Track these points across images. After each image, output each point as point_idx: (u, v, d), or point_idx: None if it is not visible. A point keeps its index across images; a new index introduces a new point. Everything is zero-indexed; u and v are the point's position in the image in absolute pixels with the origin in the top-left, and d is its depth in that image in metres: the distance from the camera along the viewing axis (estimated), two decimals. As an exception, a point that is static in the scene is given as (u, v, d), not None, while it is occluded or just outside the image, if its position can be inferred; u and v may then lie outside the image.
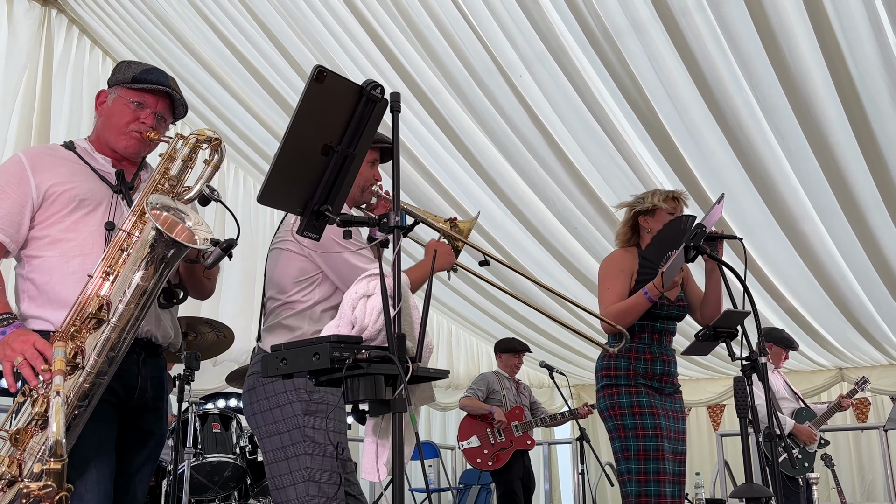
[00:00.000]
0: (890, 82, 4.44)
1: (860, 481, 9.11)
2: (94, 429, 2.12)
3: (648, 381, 3.28)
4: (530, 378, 9.73)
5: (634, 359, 3.30)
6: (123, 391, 2.24)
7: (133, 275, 2.05)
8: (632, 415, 3.22)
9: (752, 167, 5.30)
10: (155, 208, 2.06)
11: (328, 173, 1.88)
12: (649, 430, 3.19)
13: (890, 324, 7.56)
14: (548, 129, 5.43)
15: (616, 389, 3.27)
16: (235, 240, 2.16)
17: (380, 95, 1.87)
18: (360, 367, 1.76)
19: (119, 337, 2.04)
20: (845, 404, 5.83)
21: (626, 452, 3.20)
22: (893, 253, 6.09)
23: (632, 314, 3.23)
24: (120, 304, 2.04)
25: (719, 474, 7.51)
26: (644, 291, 3.18)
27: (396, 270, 1.88)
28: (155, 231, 2.02)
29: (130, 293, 2.04)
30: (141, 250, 2.05)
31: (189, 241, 2.07)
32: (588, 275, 7.06)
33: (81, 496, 2.06)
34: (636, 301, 3.21)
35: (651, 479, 3.14)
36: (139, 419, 2.32)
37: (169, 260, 2.06)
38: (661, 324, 3.37)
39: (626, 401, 3.24)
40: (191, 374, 3.99)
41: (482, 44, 4.89)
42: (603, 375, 3.34)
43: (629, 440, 3.20)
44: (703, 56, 4.55)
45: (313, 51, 5.22)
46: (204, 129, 2.30)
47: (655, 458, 3.16)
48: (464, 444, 6.08)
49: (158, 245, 2.04)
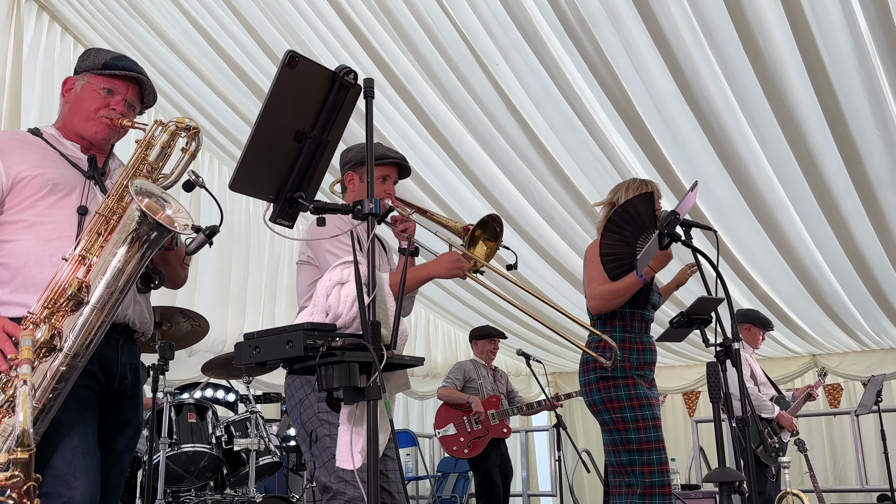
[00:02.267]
0: (862, 71, 4.48)
1: (833, 466, 9.24)
2: (81, 416, 2.11)
3: (640, 371, 3.30)
4: (508, 366, 9.77)
5: (628, 349, 3.31)
6: (104, 378, 2.23)
7: (113, 256, 2.03)
8: (631, 407, 3.22)
9: (726, 155, 5.34)
10: (139, 192, 2.04)
11: (301, 160, 1.86)
12: (650, 422, 3.21)
13: (862, 311, 7.66)
14: (524, 117, 5.43)
15: (612, 382, 3.27)
16: (218, 226, 2.15)
17: (353, 81, 1.86)
18: (333, 355, 1.75)
19: (98, 319, 2.02)
20: (815, 394, 5.92)
21: (626, 445, 3.21)
22: (865, 241, 6.16)
23: (625, 295, 3.24)
24: (99, 285, 2.02)
25: (694, 460, 7.59)
26: (640, 274, 3.18)
27: (370, 258, 1.88)
28: (139, 213, 2.00)
29: (111, 275, 2.02)
30: (123, 231, 2.03)
31: (170, 225, 2.05)
32: (565, 264, 7.09)
33: (70, 483, 2.04)
34: (630, 282, 3.22)
35: (655, 469, 3.16)
36: (117, 407, 2.30)
37: (151, 242, 2.05)
38: (648, 312, 3.39)
39: (623, 393, 3.24)
40: (165, 363, 3.96)
41: (458, 32, 4.88)
42: (595, 367, 3.31)
43: (630, 433, 3.20)
44: (678, 45, 4.56)
45: (287, 38, 5.18)
46: (182, 117, 2.28)
47: (657, 448, 3.19)
48: (440, 432, 6.09)
49: (142, 226, 2.02)
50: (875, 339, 8.68)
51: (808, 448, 6.11)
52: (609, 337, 3.29)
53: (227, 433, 4.72)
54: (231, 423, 4.78)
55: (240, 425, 4.79)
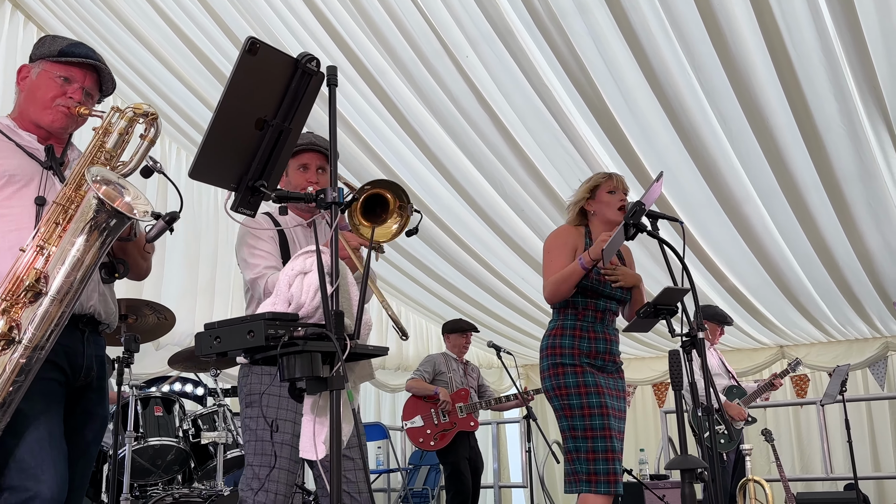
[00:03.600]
0: (828, 65, 4.53)
1: (799, 455, 9.36)
2: (47, 409, 2.08)
3: (592, 359, 3.33)
4: (479, 359, 9.78)
5: (579, 337, 3.34)
6: (70, 370, 2.20)
7: (72, 246, 2.00)
8: (578, 394, 3.25)
9: (694, 148, 5.38)
10: (96, 180, 2.01)
11: (263, 148, 1.85)
12: (595, 409, 3.22)
13: (828, 302, 7.76)
14: (494, 110, 5.43)
15: (562, 369, 3.31)
16: (178, 212, 2.12)
17: (315, 68, 1.84)
18: (295, 345, 1.74)
19: (58, 310, 1.99)
20: (777, 383, 5.99)
21: (573, 431, 3.24)
22: (831, 234, 6.24)
23: (568, 282, 3.28)
24: (58, 276, 1.99)
25: (663, 450, 7.66)
26: (579, 259, 3.24)
27: (333, 247, 1.87)
28: (97, 200, 1.97)
29: (70, 265, 1.99)
30: (81, 220, 2.00)
31: (129, 213, 2.03)
32: (535, 255, 7.11)
33: (38, 477, 2.01)
34: (571, 269, 3.27)
35: (600, 457, 3.18)
36: (84, 400, 2.28)
37: (111, 230, 2.02)
38: (603, 302, 3.41)
39: (571, 380, 3.27)
40: (130, 356, 3.92)
41: (428, 24, 4.86)
42: (548, 354, 3.38)
43: (575, 419, 3.23)
44: (646, 38, 4.58)
45: (255, 28, 5.13)
46: (140, 103, 2.24)
47: (603, 436, 3.20)
48: (407, 424, 6.09)
49: (100, 215, 1.99)
50: (840, 330, 8.81)
51: (774, 438, 6.20)
52: (560, 325, 3.37)
53: (194, 427, 4.69)
54: (198, 417, 4.74)
55: (207, 419, 4.75)
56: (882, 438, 9.09)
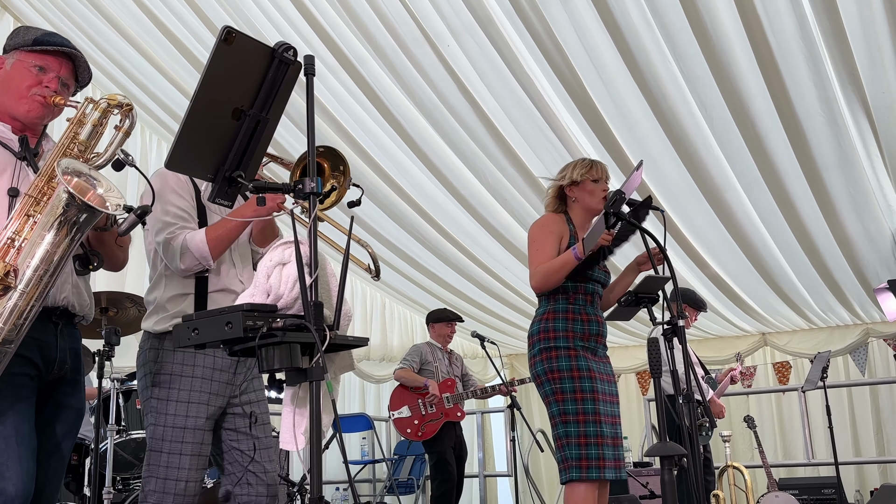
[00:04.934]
0: (807, 53, 4.55)
1: (781, 441, 9.45)
2: (14, 404, 2.06)
3: (585, 342, 3.30)
4: (463, 348, 9.79)
5: (572, 320, 3.31)
6: (43, 364, 2.18)
7: (42, 240, 1.97)
8: (570, 378, 3.22)
9: (675, 136, 5.39)
10: (66, 173, 1.98)
11: (240, 138, 1.83)
12: (587, 394, 3.20)
13: (809, 290, 7.82)
14: (476, 99, 5.42)
15: (555, 352, 3.27)
16: (150, 206, 2.08)
17: (292, 58, 1.83)
18: (274, 336, 1.73)
19: (27, 304, 1.97)
20: (736, 378, 6.04)
21: (564, 416, 3.21)
22: (812, 221, 6.28)
23: (561, 272, 3.25)
24: (27, 269, 1.97)
25: (647, 438, 7.71)
26: (573, 249, 3.20)
27: (313, 237, 1.86)
28: (67, 195, 1.95)
29: (39, 258, 1.97)
30: (51, 214, 1.98)
31: (101, 206, 2.00)
32: (518, 245, 7.11)
33: (2, 474, 1.99)
34: (565, 259, 3.24)
35: (591, 441, 3.16)
36: (57, 393, 2.26)
37: (81, 225, 2.00)
38: (592, 285, 3.40)
39: (564, 364, 3.24)
40: (111, 349, 3.89)
41: (409, 13, 4.84)
42: (541, 338, 3.33)
43: (567, 403, 3.21)
44: (627, 27, 4.58)
45: (233, 16, 5.08)
46: (115, 93, 2.21)
47: (594, 421, 3.18)
48: (395, 414, 6.09)
49: (70, 209, 1.96)
50: (822, 317, 8.88)
51: (757, 424, 6.26)
52: (552, 309, 3.33)
53: (177, 419, 4.66)
54: (181, 409, 4.72)
55: (190, 411, 4.73)
56: (863, 424, 9.19)
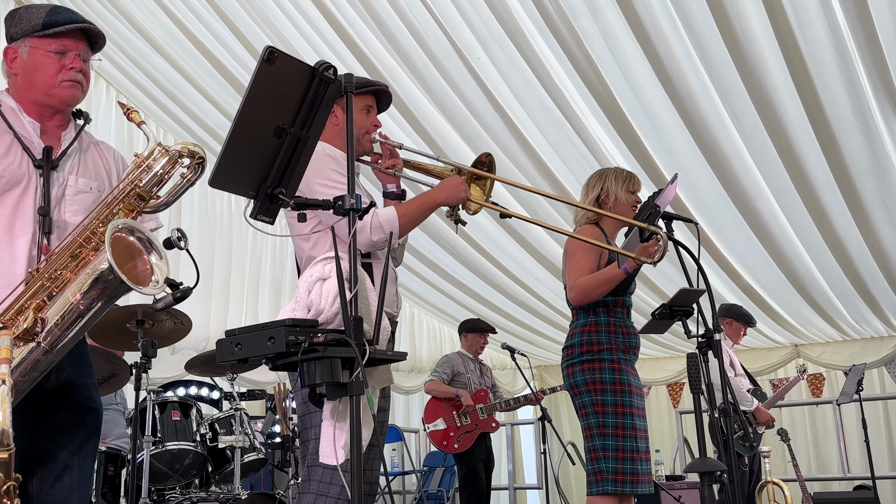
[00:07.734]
0: (840, 61, 4.51)
1: (815, 455, 9.31)
2: None
3: (626, 355, 3.31)
4: (492, 360, 9.78)
5: (614, 333, 3.31)
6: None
7: (73, 297, 1.89)
8: (613, 391, 3.22)
9: (706, 146, 5.37)
10: (118, 230, 1.92)
11: (281, 156, 1.86)
12: (628, 408, 3.21)
13: (843, 300, 7.72)
14: (506, 110, 5.44)
15: (599, 364, 3.26)
16: (192, 288, 2.01)
17: (332, 76, 1.86)
18: (316, 351, 1.75)
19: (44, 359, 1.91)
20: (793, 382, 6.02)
21: (602, 428, 3.20)
22: (845, 230, 6.21)
23: (607, 286, 3.24)
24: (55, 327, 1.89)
25: (679, 451, 7.64)
26: (623, 265, 3.17)
27: (352, 253, 1.88)
28: (107, 265, 1.87)
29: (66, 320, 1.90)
30: (87, 278, 1.90)
31: (142, 280, 1.93)
32: (548, 256, 7.11)
33: None
34: (612, 274, 3.21)
35: (627, 456, 3.16)
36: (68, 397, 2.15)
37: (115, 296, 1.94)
38: (628, 298, 3.41)
39: (608, 376, 3.23)
40: (147, 361, 3.94)
41: (439, 26, 4.87)
42: (583, 350, 3.30)
43: (608, 416, 3.20)
44: (657, 36, 4.58)
45: (268, 33, 5.15)
46: (188, 143, 2.10)
47: (632, 436, 3.18)
48: (430, 427, 6.08)
49: (107, 279, 1.88)
50: (856, 329, 8.76)
51: (790, 438, 6.18)
52: (593, 322, 3.31)
53: (211, 431, 4.70)
54: (216, 421, 4.76)
55: (224, 422, 4.77)
56: (899, 438, 9.05)
